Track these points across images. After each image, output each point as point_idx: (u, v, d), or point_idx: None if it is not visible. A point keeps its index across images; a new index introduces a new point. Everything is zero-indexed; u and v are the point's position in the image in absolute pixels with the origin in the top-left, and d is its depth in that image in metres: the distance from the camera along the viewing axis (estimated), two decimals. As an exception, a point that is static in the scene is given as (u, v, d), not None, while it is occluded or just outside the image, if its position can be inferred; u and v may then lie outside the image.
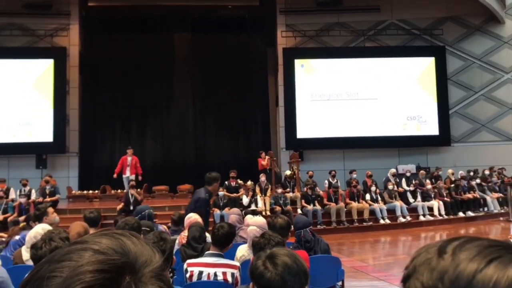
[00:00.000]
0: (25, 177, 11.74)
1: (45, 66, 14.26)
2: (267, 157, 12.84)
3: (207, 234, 4.54)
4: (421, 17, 15.29)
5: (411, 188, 12.32)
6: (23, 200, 10.61)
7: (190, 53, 16.22)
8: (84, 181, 14.59)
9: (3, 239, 5.91)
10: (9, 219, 10.17)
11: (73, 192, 13.43)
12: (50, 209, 4.83)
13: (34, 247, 2.82)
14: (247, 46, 16.52)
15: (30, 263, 3.63)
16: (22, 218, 9.39)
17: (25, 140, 13.82)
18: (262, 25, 16.26)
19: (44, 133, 13.96)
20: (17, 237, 4.91)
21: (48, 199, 10.83)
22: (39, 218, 4.54)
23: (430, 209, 11.94)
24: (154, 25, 16.05)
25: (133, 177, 12.17)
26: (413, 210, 11.88)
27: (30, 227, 4.12)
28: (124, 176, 12.28)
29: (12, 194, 11.21)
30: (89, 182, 14.64)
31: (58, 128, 14.04)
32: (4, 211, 10.54)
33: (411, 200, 12.10)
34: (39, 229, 3.74)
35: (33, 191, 11.28)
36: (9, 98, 13.96)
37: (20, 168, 13.51)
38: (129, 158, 12.35)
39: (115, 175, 12.32)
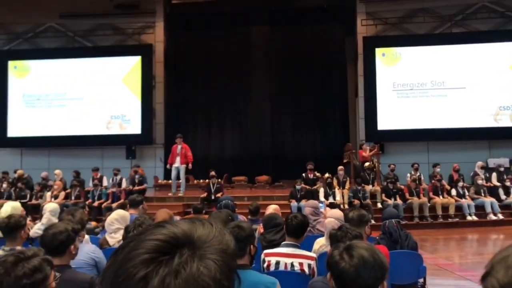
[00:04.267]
0: (116, 167, 12.68)
1: (133, 63, 15.20)
2: (368, 148, 12.52)
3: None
4: (517, -2, 14.01)
5: (507, 184, 11.39)
6: (114, 189, 11.57)
7: (268, 45, 16.35)
8: (169, 171, 15.32)
9: (98, 229, 6.42)
10: (103, 205, 11.11)
11: (159, 181, 14.22)
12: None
13: (126, 230, 3.37)
14: (325, 36, 16.27)
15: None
16: (115, 204, 10.21)
17: (116, 132, 14.90)
18: (341, 14, 15.92)
19: (133, 126, 14.93)
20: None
21: (136, 187, 11.61)
22: (135, 206, 5.29)
23: (526, 206, 11.01)
24: (232, 19, 16.39)
25: (183, 167, 11.33)
26: (506, 207, 11.05)
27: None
28: (173, 166, 11.41)
29: (105, 182, 12.22)
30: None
31: (145, 121, 14.93)
32: (99, 197, 11.56)
33: (502, 197, 11.24)
34: (114, 216, 4.31)
35: (123, 179, 12.17)
36: (103, 93, 15.07)
37: (112, 158, 14.59)
38: (179, 147, 11.40)
39: (168, 166, 11.64)
